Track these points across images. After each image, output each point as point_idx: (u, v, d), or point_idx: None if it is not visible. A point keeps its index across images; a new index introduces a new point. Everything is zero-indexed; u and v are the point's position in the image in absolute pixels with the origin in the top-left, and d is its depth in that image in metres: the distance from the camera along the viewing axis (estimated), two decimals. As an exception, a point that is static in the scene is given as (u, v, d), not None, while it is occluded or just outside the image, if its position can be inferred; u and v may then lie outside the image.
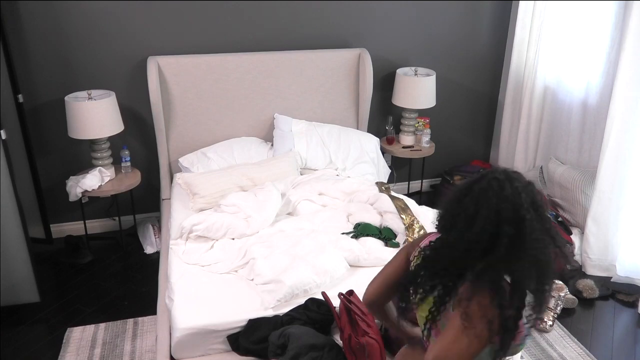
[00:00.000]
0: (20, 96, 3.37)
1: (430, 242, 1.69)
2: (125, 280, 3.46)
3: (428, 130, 4.16)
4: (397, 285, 1.80)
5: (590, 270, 3.57)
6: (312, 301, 2.47)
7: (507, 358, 1.62)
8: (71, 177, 3.54)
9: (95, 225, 3.93)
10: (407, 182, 4.48)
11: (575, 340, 3.01)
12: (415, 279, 1.66)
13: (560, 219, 3.65)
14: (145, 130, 3.81)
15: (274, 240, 2.89)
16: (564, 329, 3.09)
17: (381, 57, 4.05)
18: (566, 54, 3.85)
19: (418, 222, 2.95)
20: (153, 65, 3.50)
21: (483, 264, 1.51)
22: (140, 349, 2.89)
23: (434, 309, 1.59)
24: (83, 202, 3.64)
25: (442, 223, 1.63)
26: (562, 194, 3.87)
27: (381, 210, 3.13)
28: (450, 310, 1.57)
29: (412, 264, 1.75)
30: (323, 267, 2.61)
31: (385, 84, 4.16)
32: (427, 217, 3.01)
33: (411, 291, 1.69)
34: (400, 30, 4.06)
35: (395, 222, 3.02)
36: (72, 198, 3.47)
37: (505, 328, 1.50)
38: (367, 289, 1.89)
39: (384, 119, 4.25)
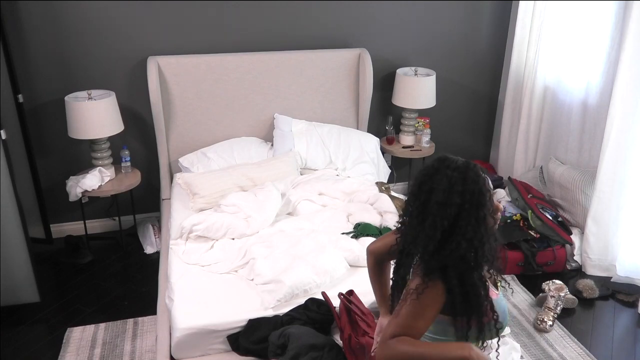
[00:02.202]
0: (20, 96, 3.38)
1: None
2: (125, 280, 3.46)
3: (428, 130, 4.16)
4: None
5: (590, 270, 3.57)
6: (312, 301, 2.47)
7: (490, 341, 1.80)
8: (71, 177, 3.54)
9: (95, 225, 3.93)
10: (407, 182, 4.48)
11: (575, 340, 3.01)
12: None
13: (560, 219, 3.65)
14: (145, 130, 3.81)
15: (274, 240, 2.89)
16: (564, 329, 3.09)
17: (381, 57, 4.05)
18: (566, 54, 3.85)
19: (418, 222, 2.95)
20: (153, 65, 3.50)
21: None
22: (140, 349, 2.89)
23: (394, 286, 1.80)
24: (83, 202, 3.64)
25: None
26: (562, 194, 3.87)
27: (381, 210, 3.13)
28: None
29: None
30: (323, 267, 2.61)
31: (385, 84, 4.16)
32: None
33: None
34: (400, 30, 4.06)
35: (395, 222, 3.01)
36: (72, 198, 3.47)
37: (456, 310, 1.63)
38: (374, 243, 2.06)
39: (384, 119, 4.25)
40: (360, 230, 2.99)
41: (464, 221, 1.58)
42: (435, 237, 1.59)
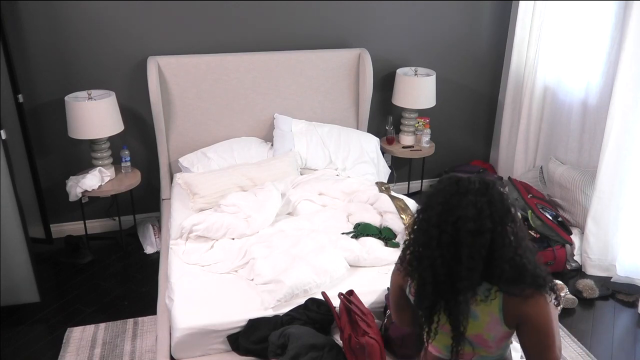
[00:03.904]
0: (20, 96, 3.37)
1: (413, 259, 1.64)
2: (125, 280, 3.46)
3: (428, 130, 4.16)
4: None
5: (590, 270, 3.57)
6: (312, 301, 2.47)
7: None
8: (71, 177, 3.54)
9: (95, 225, 3.93)
10: (407, 182, 4.48)
11: (575, 340, 3.01)
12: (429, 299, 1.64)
13: (560, 219, 3.65)
14: (145, 130, 3.81)
15: (274, 240, 2.89)
16: (564, 329, 3.09)
17: (381, 57, 4.05)
18: (566, 54, 3.85)
19: (418, 222, 2.95)
20: (153, 65, 3.50)
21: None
22: (140, 349, 2.89)
23: (461, 320, 1.58)
24: (83, 202, 3.64)
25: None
26: (562, 194, 3.87)
27: (381, 210, 3.13)
28: (500, 323, 1.59)
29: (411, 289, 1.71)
30: (323, 267, 2.61)
31: (385, 84, 4.16)
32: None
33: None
34: (400, 30, 4.06)
35: (395, 222, 3.02)
36: (72, 198, 3.47)
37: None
38: (393, 313, 1.93)
39: (384, 119, 4.25)
40: (360, 230, 2.98)
41: (498, 244, 1.52)
42: (479, 268, 1.53)
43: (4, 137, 2.92)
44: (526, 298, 1.54)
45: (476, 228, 1.50)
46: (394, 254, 2.84)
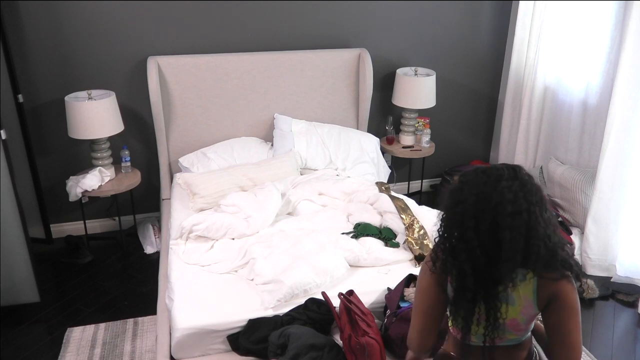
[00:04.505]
0: (20, 96, 3.38)
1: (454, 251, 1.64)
2: (125, 280, 3.46)
3: (428, 130, 4.16)
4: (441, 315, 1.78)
5: (590, 270, 3.57)
6: (312, 301, 2.47)
7: None
8: (71, 177, 3.54)
9: (95, 225, 3.93)
10: (407, 182, 4.49)
11: (575, 340, 3.01)
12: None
13: (560, 219, 3.65)
14: (145, 130, 3.81)
15: (274, 240, 2.89)
16: (564, 329, 3.09)
17: (381, 57, 4.05)
18: (566, 54, 3.85)
19: (418, 222, 2.95)
20: (153, 65, 3.50)
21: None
22: (140, 349, 2.89)
23: (499, 306, 1.62)
24: (83, 202, 3.64)
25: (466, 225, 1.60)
26: (562, 194, 3.87)
27: (381, 210, 3.13)
28: (533, 305, 1.64)
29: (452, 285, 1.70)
30: (323, 267, 2.61)
31: (385, 84, 4.16)
32: (427, 217, 3.01)
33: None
34: (400, 30, 4.07)
35: (395, 222, 3.02)
36: (72, 198, 3.47)
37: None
38: (417, 337, 1.78)
39: (384, 119, 4.25)
40: (360, 230, 2.99)
41: (533, 222, 1.57)
42: (520, 248, 1.57)
43: (4, 137, 2.92)
44: (557, 279, 1.61)
45: (514, 210, 1.55)
46: (394, 254, 2.84)
